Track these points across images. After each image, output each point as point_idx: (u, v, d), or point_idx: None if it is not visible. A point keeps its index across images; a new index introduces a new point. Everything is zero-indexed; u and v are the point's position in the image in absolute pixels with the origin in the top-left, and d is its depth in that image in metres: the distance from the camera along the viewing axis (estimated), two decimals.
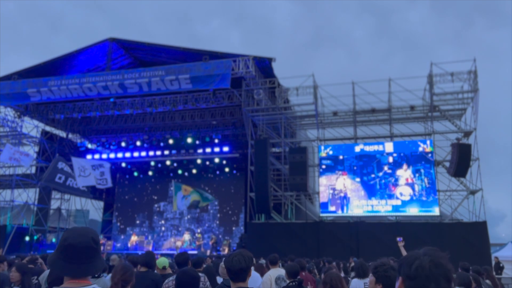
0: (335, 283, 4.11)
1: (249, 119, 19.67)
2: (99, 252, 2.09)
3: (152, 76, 18.36)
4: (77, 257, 1.98)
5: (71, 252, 1.98)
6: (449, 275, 1.56)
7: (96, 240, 2.05)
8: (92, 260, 2.03)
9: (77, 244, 1.98)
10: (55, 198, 26.71)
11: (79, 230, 2.07)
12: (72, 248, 1.98)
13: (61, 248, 2.01)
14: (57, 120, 24.24)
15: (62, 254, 2.00)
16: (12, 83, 20.27)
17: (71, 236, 2.00)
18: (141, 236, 25.34)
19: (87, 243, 2.00)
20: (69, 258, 1.98)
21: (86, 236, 2.02)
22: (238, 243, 20.94)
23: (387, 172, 18.16)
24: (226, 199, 27.01)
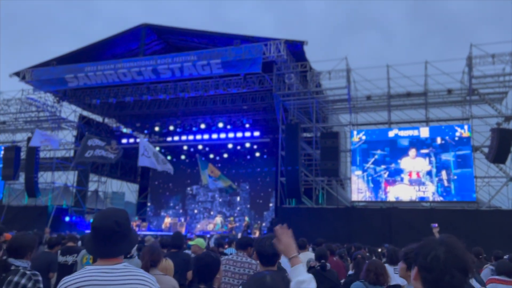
0: (380, 272, 4.08)
1: (280, 104, 19.56)
2: (124, 234, 2.13)
3: (184, 61, 18.51)
4: (101, 238, 2.08)
5: (96, 234, 2.09)
6: (466, 267, 1.53)
7: (119, 223, 2.10)
8: (116, 242, 2.09)
9: (100, 227, 2.08)
10: (92, 180, 27.68)
11: (105, 212, 2.15)
12: (97, 230, 2.09)
13: (92, 229, 2.12)
14: (93, 105, 24.95)
15: (91, 235, 2.12)
16: (51, 69, 20.96)
17: (97, 219, 2.11)
18: (175, 218, 25.95)
19: (110, 226, 2.07)
20: (95, 239, 2.09)
21: (110, 219, 2.09)
22: (269, 227, 21.12)
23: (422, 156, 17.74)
24: (256, 183, 27.20)
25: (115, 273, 2.04)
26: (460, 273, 1.51)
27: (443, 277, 1.50)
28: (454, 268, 1.50)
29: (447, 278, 1.50)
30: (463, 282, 1.51)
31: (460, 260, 1.53)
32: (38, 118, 23.78)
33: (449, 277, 1.50)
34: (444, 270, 1.51)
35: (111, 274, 2.03)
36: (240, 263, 4.89)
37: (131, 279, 2.06)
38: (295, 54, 18.96)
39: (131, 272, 2.09)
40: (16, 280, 3.04)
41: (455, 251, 1.55)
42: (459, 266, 1.51)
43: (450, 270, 1.50)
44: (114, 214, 2.13)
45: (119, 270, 2.06)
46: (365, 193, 18.39)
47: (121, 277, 2.04)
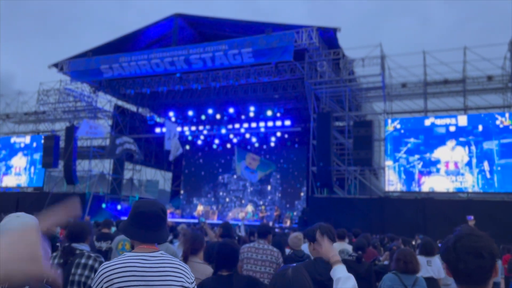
0: (409, 259, 4.03)
1: (312, 92, 19.32)
2: (166, 221, 2.24)
3: (216, 50, 18.54)
4: (147, 224, 2.14)
5: (142, 219, 2.14)
6: (479, 251, 1.55)
7: (164, 210, 2.21)
8: (159, 228, 2.19)
9: (148, 212, 2.14)
10: (127, 169, 28.42)
11: (150, 200, 2.25)
12: (143, 215, 2.14)
13: (133, 215, 2.17)
14: (128, 95, 25.49)
15: (133, 220, 2.16)
16: (87, 60, 21.52)
17: (143, 205, 2.18)
18: (207, 206, 26.32)
19: (157, 211, 2.17)
20: (140, 225, 2.14)
21: (156, 206, 2.20)
22: (300, 217, 21.05)
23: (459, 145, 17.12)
24: (288, 173, 27.13)
25: (152, 261, 2.09)
26: (474, 257, 1.54)
27: (458, 265, 1.57)
28: (465, 254, 1.55)
29: (461, 265, 1.55)
30: (481, 264, 1.54)
31: (470, 246, 1.56)
32: (76, 108, 24.56)
33: (463, 264, 1.55)
34: (457, 259, 1.57)
35: (149, 262, 2.08)
36: (261, 250, 5.03)
37: (168, 266, 2.11)
38: (327, 41, 18.62)
39: (167, 260, 2.15)
40: (84, 261, 3.25)
41: (463, 239, 1.59)
42: (471, 251, 1.55)
43: (463, 257, 1.56)
44: (159, 203, 2.25)
45: (156, 258, 2.11)
46: (396, 186, 17.95)
47: (158, 264, 2.09)
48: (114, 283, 1.99)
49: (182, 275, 2.14)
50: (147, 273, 2.04)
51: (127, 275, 2.01)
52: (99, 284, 2.03)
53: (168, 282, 2.08)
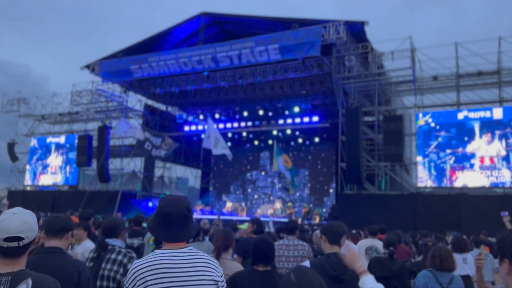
0: (444, 256, 3.92)
1: (340, 87, 19.09)
2: (191, 219, 2.27)
3: (242, 48, 18.59)
4: (172, 224, 2.17)
5: (167, 220, 2.17)
6: None
7: (189, 209, 2.23)
8: (185, 227, 2.22)
9: (173, 213, 2.17)
10: (158, 166, 28.97)
11: (175, 199, 2.26)
12: (169, 216, 2.17)
13: (159, 215, 2.20)
14: (157, 94, 25.94)
15: (159, 220, 2.20)
16: (117, 61, 22.04)
17: (168, 205, 2.19)
18: (236, 203, 26.50)
19: (182, 212, 2.19)
20: (166, 225, 2.18)
21: (181, 205, 2.21)
22: (330, 213, 20.89)
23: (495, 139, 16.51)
24: (316, 169, 26.95)
25: (182, 257, 2.13)
26: None
27: None
28: None
29: None
30: None
31: None
32: (108, 108, 25.20)
33: None
34: None
35: (179, 258, 2.11)
36: (292, 246, 5.03)
37: (198, 262, 2.15)
38: (355, 35, 18.34)
39: (197, 255, 2.18)
40: (114, 257, 3.36)
41: None
42: None
43: None
44: (183, 201, 2.25)
45: (186, 254, 2.15)
46: (426, 183, 17.46)
47: (188, 260, 2.13)
48: (147, 281, 2.02)
49: (212, 269, 2.18)
50: (178, 269, 2.07)
51: (159, 272, 2.04)
52: (132, 282, 2.05)
53: (200, 277, 2.11)
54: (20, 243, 1.91)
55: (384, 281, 4.82)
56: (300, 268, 1.80)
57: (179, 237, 2.19)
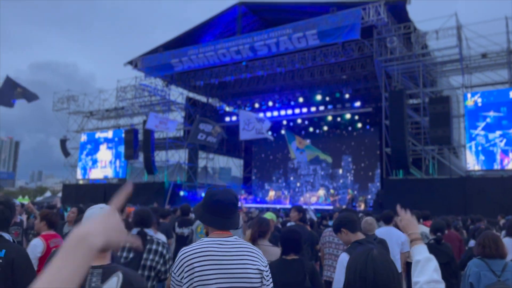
0: (493, 243, 3.71)
1: (382, 70, 18.53)
2: (238, 209, 2.34)
3: (280, 35, 18.44)
4: (222, 211, 2.23)
5: (218, 207, 2.23)
6: None
7: (237, 198, 2.31)
8: (233, 215, 2.28)
9: (223, 200, 2.23)
10: (201, 157, 29.53)
11: (225, 189, 2.33)
12: (219, 203, 2.23)
13: (209, 203, 2.25)
14: (198, 87, 26.34)
15: (209, 208, 2.25)
16: (158, 56, 22.56)
17: (219, 193, 2.26)
18: (278, 191, 26.60)
19: (232, 200, 2.26)
20: (216, 212, 2.23)
21: (231, 194, 2.29)
22: (375, 200, 20.51)
23: None
24: (360, 155, 26.47)
25: (228, 245, 2.17)
26: None
27: None
28: None
29: None
30: None
31: None
32: (151, 102, 25.89)
33: None
34: None
35: (225, 246, 2.16)
36: None
37: (242, 250, 2.19)
38: (396, 15, 17.68)
39: (241, 244, 2.23)
40: (154, 247, 3.46)
41: None
42: None
43: None
44: (232, 191, 2.34)
45: (231, 242, 2.19)
46: (473, 168, 16.63)
47: (234, 248, 2.17)
48: (194, 267, 2.07)
49: (257, 258, 2.20)
50: (224, 257, 2.12)
51: (206, 259, 2.09)
52: (180, 268, 2.11)
53: (245, 265, 2.15)
54: None
55: (441, 266, 4.71)
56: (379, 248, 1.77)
57: (227, 225, 2.24)
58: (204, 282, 2.06)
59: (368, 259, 1.61)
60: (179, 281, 2.11)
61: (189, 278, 2.07)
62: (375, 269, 1.57)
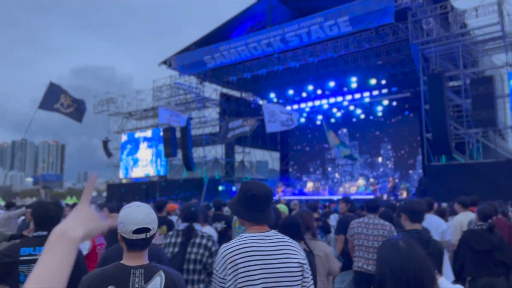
0: None
1: (419, 53, 17.90)
2: (272, 202, 2.35)
3: (311, 24, 18.21)
4: (259, 205, 2.21)
5: (254, 201, 2.21)
6: None
7: (271, 191, 2.28)
8: (269, 209, 2.26)
9: (259, 194, 2.20)
10: (237, 152, 29.76)
11: (259, 182, 2.31)
12: (255, 197, 2.20)
13: (245, 197, 2.23)
14: (231, 82, 26.49)
15: (245, 202, 2.23)
16: (191, 54, 22.87)
17: (255, 187, 2.23)
18: (317, 182, 26.39)
19: (268, 194, 2.24)
20: (252, 206, 2.21)
21: (266, 188, 2.26)
22: (417, 187, 19.94)
23: None
24: (399, 142, 25.80)
25: (268, 240, 2.16)
26: None
27: None
28: None
29: None
30: None
31: None
32: (186, 100, 26.32)
33: None
34: None
35: (266, 241, 2.15)
36: (372, 225, 4.96)
37: (282, 245, 2.17)
38: None
39: (280, 238, 2.21)
40: (199, 241, 3.55)
41: None
42: None
43: None
44: (267, 185, 2.30)
45: (271, 237, 2.18)
46: None
47: (274, 243, 2.16)
48: (238, 263, 2.06)
49: (296, 251, 2.19)
50: (266, 252, 2.11)
51: (249, 255, 2.08)
52: (223, 265, 2.09)
53: (286, 259, 2.13)
54: (148, 235, 1.94)
55: (484, 254, 4.52)
56: (406, 238, 1.72)
57: (264, 219, 2.22)
58: (249, 278, 2.05)
59: (395, 250, 1.57)
60: (222, 278, 2.09)
61: (233, 275, 2.06)
62: (403, 261, 1.53)
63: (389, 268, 1.54)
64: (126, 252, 1.94)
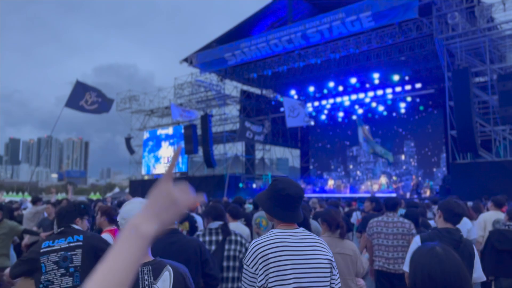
0: None
1: (444, 49, 17.50)
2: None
3: (333, 20, 18.02)
4: (292, 205, 2.23)
5: (288, 201, 2.22)
6: None
7: (303, 191, 2.32)
8: (300, 208, 2.29)
9: (293, 194, 2.22)
10: (258, 149, 29.78)
11: (292, 181, 2.32)
12: (290, 197, 2.21)
13: (278, 196, 2.24)
14: (252, 79, 26.51)
15: (277, 201, 2.23)
16: (212, 51, 22.95)
17: (289, 187, 2.24)
18: (338, 180, 26.17)
19: (300, 193, 2.26)
20: (285, 206, 2.22)
21: (298, 187, 2.28)
22: (441, 185, 19.54)
23: None
24: (423, 139, 25.33)
25: (298, 236, 2.18)
26: None
27: None
28: None
29: None
30: None
31: None
32: (207, 97, 26.47)
33: None
34: None
35: (295, 237, 2.17)
36: (391, 224, 4.91)
37: (311, 242, 2.19)
38: None
39: (309, 235, 2.24)
40: (234, 238, 3.68)
41: None
42: None
43: None
44: (297, 183, 2.32)
45: (300, 234, 2.20)
46: None
47: (304, 239, 2.18)
48: (269, 258, 2.07)
49: (325, 249, 2.21)
50: (297, 248, 2.13)
51: (280, 250, 2.09)
52: (254, 259, 2.11)
53: (316, 256, 2.15)
54: None
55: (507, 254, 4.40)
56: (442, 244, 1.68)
57: (295, 217, 2.24)
58: (280, 273, 2.06)
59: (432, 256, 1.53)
60: (253, 273, 2.10)
61: (264, 269, 2.07)
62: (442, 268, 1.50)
63: (427, 274, 1.51)
64: None
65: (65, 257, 2.89)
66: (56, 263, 2.86)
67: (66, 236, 3.00)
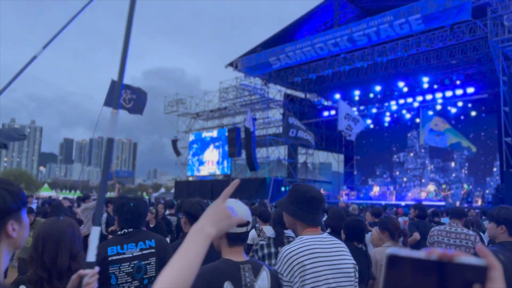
0: None
1: (499, 52, 16.64)
2: None
3: (380, 23, 17.65)
4: (315, 208, 2.24)
5: (312, 204, 2.23)
6: None
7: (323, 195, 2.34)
8: (321, 211, 2.32)
9: (317, 197, 2.24)
10: (300, 153, 29.61)
11: (310, 185, 2.38)
12: (313, 200, 2.22)
13: (302, 199, 2.24)
14: (295, 83, 26.44)
15: (302, 204, 2.23)
16: (257, 55, 23.13)
17: (311, 190, 2.26)
18: (383, 187, 25.51)
19: (322, 196, 2.29)
20: (309, 208, 2.23)
21: (319, 190, 2.32)
22: (494, 195, 18.55)
23: None
24: (475, 146, 24.17)
25: (326, 242, 2.20)
26: None
27: None
28: None
29: None
30: None
31: None
32: (251, 101, 26.69)
33: None
34: None
35: (324, 243, 2.18)
36: (454, 234, 4.66)
37: (339, 247, 2.22)
38: None
39: (335, 241, 2.26)
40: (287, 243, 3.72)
41: None
42: None
43: None
44: (315, 187, 2.36)
45: (327, 239, 2.22)
46: None
47: (332, 245, 2.20)
48: (305, 264, 2.06)
49: (349, 254, 2.26)
50: (328, 253, 2.14)
51: (314, 256, 2.09)
52: (288, 267, 2.08)
53: (344, 261, 2.18)
54: (248, 228, 2.00)
55: None
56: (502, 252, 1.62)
57: (318, 221, 2.27)
58: (316, 279, 2.07)
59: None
60: (288, 281, 2.07)
61: (299, 276, 2.05)
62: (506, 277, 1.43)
63: None
64: (227, 247, 1.94)
65: (139, 268, 2.59)
66: (129, 274, 2.54)
67: (136, 241, 2.66)
